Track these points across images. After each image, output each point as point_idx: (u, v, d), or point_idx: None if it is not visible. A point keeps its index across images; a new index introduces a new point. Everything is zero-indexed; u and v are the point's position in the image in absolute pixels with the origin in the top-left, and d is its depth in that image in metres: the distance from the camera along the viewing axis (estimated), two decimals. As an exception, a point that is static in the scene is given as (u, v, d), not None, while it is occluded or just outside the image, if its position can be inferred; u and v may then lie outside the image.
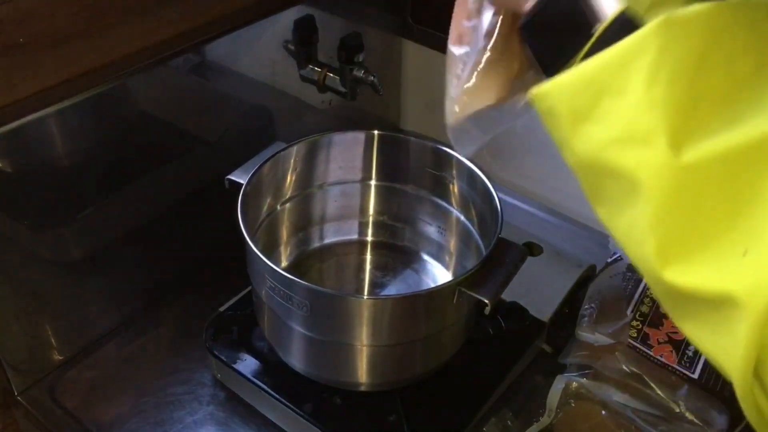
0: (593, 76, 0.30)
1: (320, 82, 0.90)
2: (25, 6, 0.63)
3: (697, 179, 0.29)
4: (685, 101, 0.29)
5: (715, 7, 0.29)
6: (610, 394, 0.72)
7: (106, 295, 0.83)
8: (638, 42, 0.29)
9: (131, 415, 0.74)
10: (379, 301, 0.66)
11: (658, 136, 0.29)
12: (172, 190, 0.86)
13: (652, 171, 0.29)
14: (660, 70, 0.28)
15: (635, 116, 0.29)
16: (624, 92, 0.29)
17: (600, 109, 0.30)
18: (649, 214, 0.30)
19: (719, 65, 0.29)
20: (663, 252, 0.30)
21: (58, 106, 0.68)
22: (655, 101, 0.29)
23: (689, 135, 0.29)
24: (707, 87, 0.29)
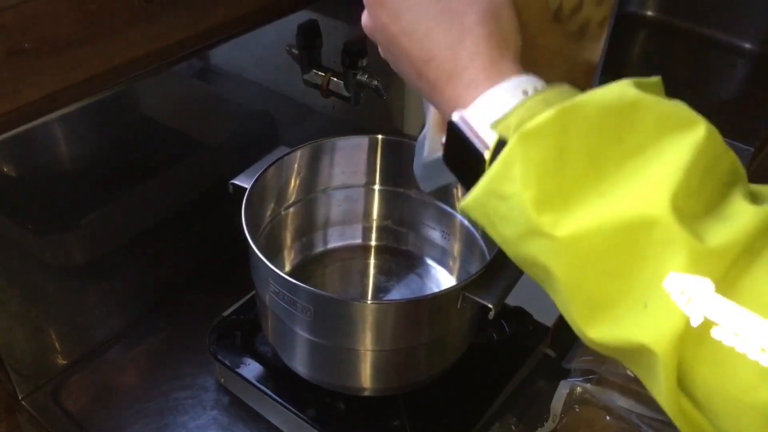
0: (489, 189, 0.37)
1: (324, 86, 0.90)
2: (30, 12, 0.63)
3: (586, 252, 0.34)
4: (555, 190, 0.35)
5: (559, 111, 0.35)
6: (614, 399, 0.72)
7: (110, 299, 0.83)
8: (507, 156, 0.36)
9: (135, 419, 0.74)
10: (383, 305, 0.66)
11: (541, 225, 0.35)
12: (176, 195, 0.86)
13: (549, 254, 0.35)
14: (528, 174, 0.35)
15: (521, 214, 0.35)
16: (509, 197, 0.36)
17: (500, 213, 0.37)
18: (563, 289, 0.36)
19: (578, 154, 0.35)
20: (583, 318, 0.36)
21: (62, 112, 0.69)
22: (531, 198, 0.35)
23: (567, 216, 0.34)
24: (572, 174, 0.35)
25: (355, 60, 0.87)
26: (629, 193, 0.34)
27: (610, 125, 0.35)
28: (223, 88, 0.87)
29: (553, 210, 0.35)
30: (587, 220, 0.34)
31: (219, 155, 0.89)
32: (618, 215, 0.33)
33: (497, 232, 0.39)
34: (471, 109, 0.39)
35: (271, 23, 0.86)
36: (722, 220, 0.33)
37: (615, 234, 0.33)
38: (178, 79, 0.80)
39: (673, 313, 0.32)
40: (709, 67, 1.15)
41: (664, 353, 0.32)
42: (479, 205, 0.38)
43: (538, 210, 0.35)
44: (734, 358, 0.31)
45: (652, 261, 0.33)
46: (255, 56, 0.88)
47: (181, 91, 0.82)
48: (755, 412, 0.31)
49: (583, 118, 0.35)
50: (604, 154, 0.35)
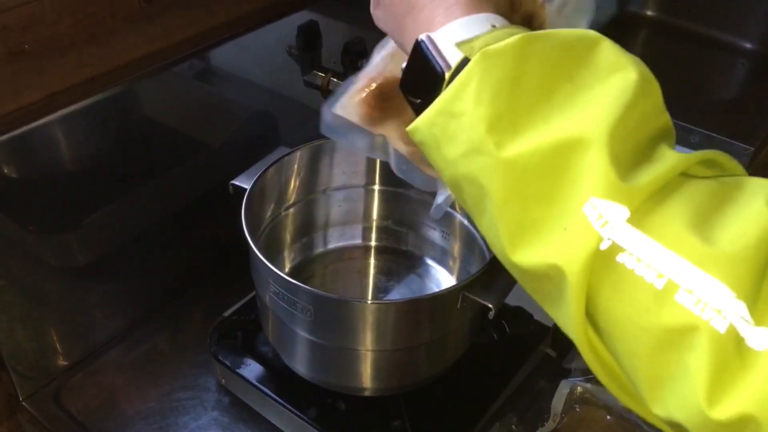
0: (442, 108, 0.39)
1: (324, 87, 0.90)
2: (31, 13, 0.63)
3: (520, 171, 0.36)
4: (505, 113, 0.37)
5: (523, 38, 0.37)
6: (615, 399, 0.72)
7: (111, 300, 0.83)
8: (466, 74, 0.38)
9: (136, 420, 0.74)
10: (383, 305, 0.66)
11: (486, 144, 0.37)
12: (177, 196, 0.86)
13: (487, 173, 0.37)
14: (482, 93, 0.37)
15: (469, 132, 0.37)
16: (460, 115, 0.38)
17: (448, 132, 0.39)
18: (494, 209, 0.38)
19: (532, 82, 0.37)
20: (510, 239, 0.37)
21: (63, 112, 0.69)
22: (481, 116, 0.37)
23: (511, 139, 0.36)
24: (523, 100, 0.37)
25: (355, 60, 0.87)
26: (571, 119, 0.36)
27: (566, 61, 0.37)
28: (224, 88, 0.88)
29: (500, 130, 0.37)
30: (530, 143, 0.36)
31: (219, 156, 0.89)
32: (555, 137, 0.35)
33: (440, 153, 0.40)
34: (440, 31, 0.41)
35: (271, 24, 0.86)
36: (647, 162, 0.35)
37: (549, 155, 0.35)
38: (178, 79, 0.80)
39: (587, 234, 0.34)
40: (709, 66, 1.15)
41: (574, 272, 0.34)
42: (429, 124, 0.40)
43: (487, 128, 0.37)
44: (634, 282, 0.33)
45: (578, 184, 0.35)
46: (255, 57, 0.88)
47: (181, 91, 0.82)
48: (648, 334, 0.33)
49: (542, 48, 0.38)
50: (555, 86, 0.37)
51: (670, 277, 0.32)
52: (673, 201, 0.34)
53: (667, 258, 0.33)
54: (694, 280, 0.32)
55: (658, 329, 0.33)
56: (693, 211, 0.34)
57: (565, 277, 0.35)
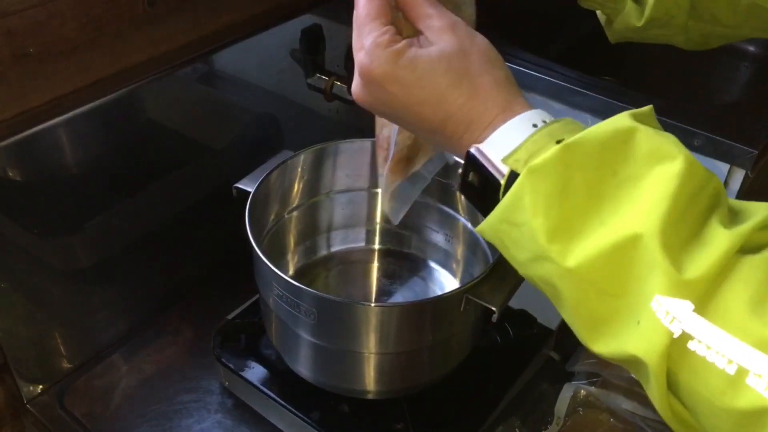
0: (502, 217, 0.41)
1: (327, 90, 0.90)
2: (35, 16, 0.63)
3: (588, 277, 0.38)
4: (561, 221, 0.39)
5: (562, 147, 0.39)
6: (618, 402, 0.72)
7: (115, 303, 0.84)
8: (517, 188, 0.40)
9: (139, 422, 0.74)
10: (387, 308, 0.66)
11: (549, 252, 0.39)
12: (180, 199, 0.86)
13: (556, 278, 0.39)
14: (536, 205, 0.39)
15: (531, 242, 0.39)
16: (521, 225, 0.40)
17: (513, 238, 0.41)
18: (569, 308, 0.40)
19: (580, 187, 0.39)
20: (587, 333, 0.40)
21: (67, 116, 0.69)
22: (539, 228, 0.39)
23: (572, 245, 0.38)
24: (576, 205, 0.39)
25: (358, 64, 0.87)
26: (623, 218, 0.38)
27: (607, 159, 0.39)
28: (227, 92, 0.88)
29: (560, 239, 0.39)
30: (590, 248, 0.38)
31: (223, 159, 0.89)
32: (612, 239, 0.37)
33: (510, 254, 0.43)
34: (486, 144, 0.43)
35: (274, 28, 0.87)
36: (701, 246, 0.37)
37: (610, 257, 0.37)
38: (182, 83, 0.80)
39: (659, 330, 0.36)
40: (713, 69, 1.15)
41: (653, 364, 0.36)
42: (494, 230, 0.42)
43: (547, 238, 0.39)
44: (707, 368, 0.35)
45: (641, 282, 0.36)
46: (259, 60, 0.88)
47: (185, 95, 0.82)
48: (726, 414, 0.35)
49: (582, 153, 0.39)
50: (602, 186, 0.39)
51: (739, 363, 0.34)
52: (731, 284, 0.35)
53: (733, 344, 0.34)
54: (761, 365, 0.33)
55: (735, 412, 0.34)
56: (751, 293, 0.35)
57: (646, 365, 0.37)
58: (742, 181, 0.87)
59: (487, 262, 0.72)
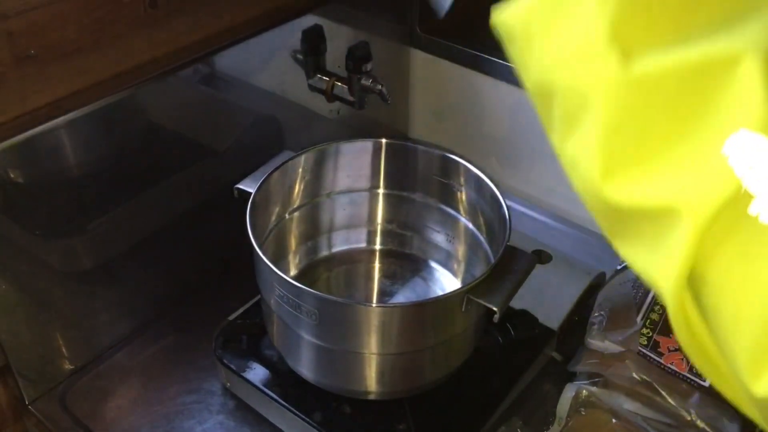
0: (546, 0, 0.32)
1: (328, 91, 0.90)
2: (36, 18, 0.63)
3: (649, 93, 0.29)
4: (638, 15, 0.29)
5: None
6: (620, 402, 0.72)
7: (117, 304, 0.84)
8: None
9: (141, 424, 0.75)
10: (388, 309, 0.66)
11: (609, 50, 0.29)
12: (182, 200, 0.86)
13: (602, 85, 0.30)
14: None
15: (586, 31, 0.30)
16: (576, 8, 0.30)
17: (554, 28, 0.31)
18: (598, 130, 0.30)
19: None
20: (608, 168, 0.30)
21: (68, 117, 0.69)
22: (606, 15, 0.29)
23: (642, 48, 0.29)
24: (662, 3, 0.30)
25: (359, 64, 0.87)
26: (720, 34, 0.28)
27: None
28: (228, 93, 0.88)
29: (629, 36, 0.29)
30: (665, 59, 0.29)
31: (224, 160, 0.89)
32: (701, 55, 0.28)
33: (533, 50, 0.33)
34: None
35: (275, 29, 0.87)
36: None
37: (692, 76, 0.28)
38: (183, 84, 0.80)
39: (725, 176, 0.27)
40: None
41: (697, 221, 0.27)
42: (527, 12, 0.33)
43: (610, 32, 0.29)
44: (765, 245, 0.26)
45: (723, 112, 0.28)
46: (260, 61, 0.88)
47: (186, 96, 0.82)
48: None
49: None
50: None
51: None
52: None
53: None
54: None
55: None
56: None
57: (680, 223, 0.28)
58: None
59: (489, 263, 0.72)
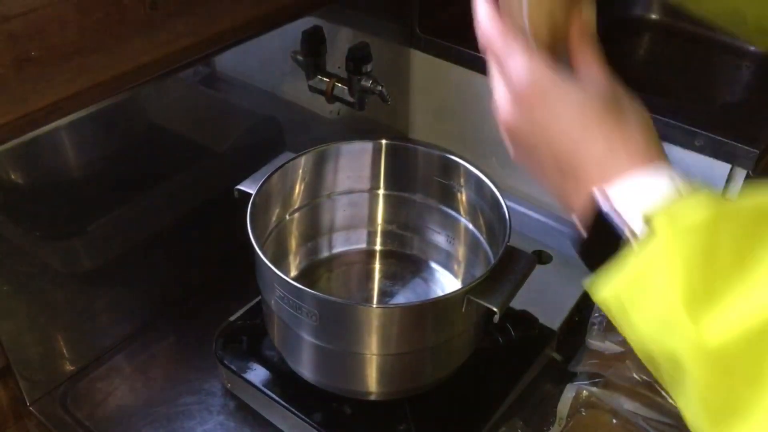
0: (629, 278, 0.37)
1: (328, 92, 0.90)
2: (37, 20, 0.64)
3: (726, 359, 0.33)
4: (701, 289, 0.34)
5: (716, 213, 0.36)
6: (620, 403, 0.72)
7: (117, 305, 0.84)
8: (657, 247, 0.36)
9: (142, 425, 0.75)
10: (388, 309, 0.66)
11: (687, 317, 0.34)
12: (182, 201, 0.86)
13: (687, 354, 0.34)
14: (675, 268, 0.35)
15: (664, 303, 0.35)
16: (653, 290, 0.36)
17: (640, 302, 0.36)
18: (696, 392, 0.35)
19: (728, 253, 0.35)
20: (713, 421, 0.35)
21: (69, 119, 0.69)
22: (675, 293, 0.34)
23: (711, 319, 0.34)
24: (719, 273, 0.34)
25: (359, 65, 0.87)
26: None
27: (763, 229, 0.35)
28: (229, 94, 0.88)
29: (700, 307, 0.34)
30: (735, 324, 0.33)
31: (225, 161, 0.89)
32: (761, 319, 0.33)
33: (629, 323, 0.38)
34: (619, 188, 0.38)
35: (275, 30, 0.87)
36: None
37: (756, 338, 0.33)
38: (183, 85, 0.80)
39: None
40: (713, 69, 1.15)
41: None
42: (616, 291, 0.38)
43: (685, 305, 0.34)
44: None
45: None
46: (260, 62, 0.88)
47: (186, 97, 0.82)
48: None
49: (736, 217, 0.36)
50: (752, 255, 0.34)
51: None
52: None
53: None
54: None
55: None
56: None
57: None
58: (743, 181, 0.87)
59: (489, 263, 0.72)
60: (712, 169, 0.88)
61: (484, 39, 0.45)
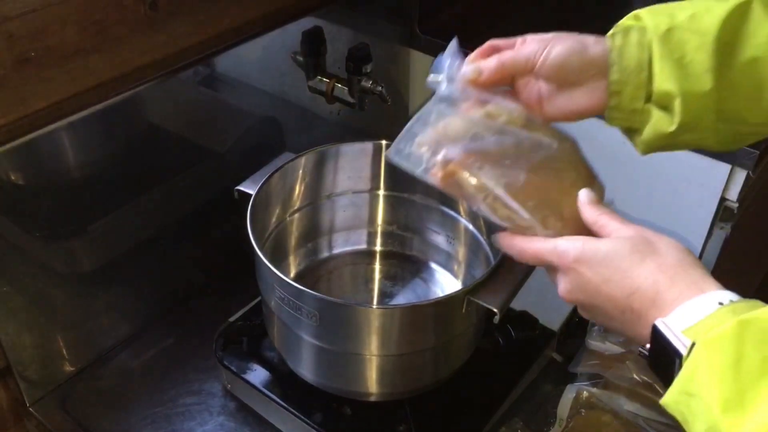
0: (681, 389, 0.42)
1: (328, 92, 0.90)
2: (37, 21, 0.64)
3: None
4: (733, 394, 0.39)
5: (739, 322, 0.40)
6: (620, 403, 0.72)
7: (117, 306, 0.84)
8: (693, 360, 0.41)
9: (142, 425, 0.75)
10: (388, 310, 0.66)
11: (722, 424, 0.39)
12: (182, 201, 0.86)
13: None
14: (711, 376, 0.40)
15: (706, 413, 0.40)
16: (697, 396, 0.41)
17: (691, 410, 0.42)
18: None
19: (753, 362, 0.39)
20: None
21: (69, 119, 0.69)
22: (713, 399, 0.39)
23: (744, 420, 0.38)
24: (748, 380, 0.39)
25: (359, 66, 0.87)
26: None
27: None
28: (229, 95, 0.88)
29: (733, 411, 0.39)
30: (763, 424, 0.37)
31: (225, 161, 0.89)
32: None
33: (690, 427, 0.43)
34: (672, 315, 0.45)
35: (275, 30, 0.87)
36: None
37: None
38: (183, 86, 0.80)
39: None
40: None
41: None
42: (675, 401, 0.43)
43: (721, 409, 0.39)
44: None
45: None
46: (260, 63, 0.88)
47: (186, 98, 0.82)
48: None
49: (757, 328, 0.40)
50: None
51: None
52: None
53: None
54: None
55: None
56: None
57: None
58: (743, 181, 0.87)
59: (489, 264, 0.72)
60: (712, 169, 0.88)
61: (535, 261, 0.53)
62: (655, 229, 0.50)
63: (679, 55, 0.52)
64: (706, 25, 0.52)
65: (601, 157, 0.60)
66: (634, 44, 0.54)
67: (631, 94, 0.54)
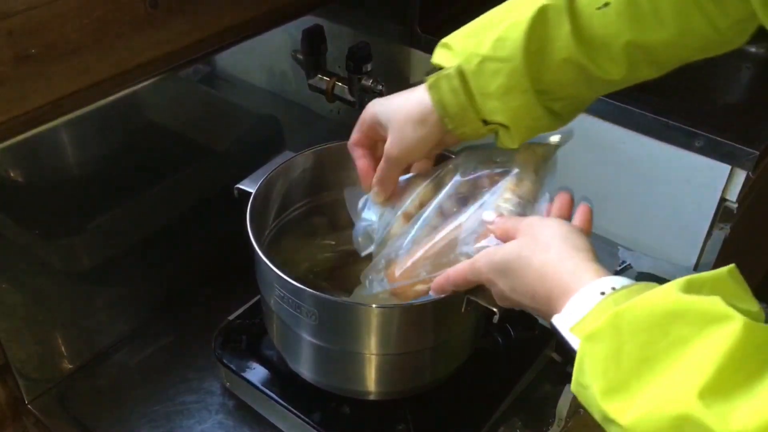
0: (575, 382, 0.45)
1: (329, 91, 0.90)
2: (37, 18, 0.63)
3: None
4: (616, 384, 0.41)
5: (614, 314, 0.42)
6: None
7: (116, 303, 0.84)
8: (580, 354, 0.44)
9: (141, 423, 0.75)
10: (388, 310, 0.66)
11: (610, 412, 0.41)
12: (182, 200, 0.86)
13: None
14: (595, 369, 0.43)
15: (596, 405, 0.42)
16: (587, 388, 0.43)
17: (587, 401, 0.44)
18: None
19: (633, 348, 0.41)
20: None
21: (68, 117, 0.69)
22: (598, 390, 0.42)
23: (628, 406, 0.40)
24: (629, 368, 0.41)
25: (359, 65, 0.87)
26: (668, 387, 0.39)
27: (657, 322, 0.41)
28: (229, 93, 0.88)
29: (616, 399, 0.41)
30: (642, 411, 0.39)
31: (225, 160, 0.89)
32: (660, 410, 0.39)
33: (591, 414, 0.45)
34: (562, 314, 0.48)
35: (276, 29, 0.87)
36: (751, 399, 0.36)
37: (661, 424, 0.39)
38: (183, 84, 0.80)
39: None
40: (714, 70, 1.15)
41: None
42: (576, 392, 0.46)
43: (604, 399, 0.41)
44: None
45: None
46: (260, 61, 0.88)
47: (186, 96, 0.82)
48: None
49: (633, 317, 0.42)
50: (654, 347, 0.41)
51: None
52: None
53: None
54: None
55: None
56: None
57: None
58: (743, 182, 0.87)
59: (489, 263, 0.72)
60: (712, 169, 0.88)
61: (466, 284, 0.57)
62: (655, 229, 0.51)
63: (495, 87, 0.56)
64: (511, 48, 0.55)
65: (601, 157, 0.60)
66: (448, 92, 0.57)
67: (471, 128, 0.59)
